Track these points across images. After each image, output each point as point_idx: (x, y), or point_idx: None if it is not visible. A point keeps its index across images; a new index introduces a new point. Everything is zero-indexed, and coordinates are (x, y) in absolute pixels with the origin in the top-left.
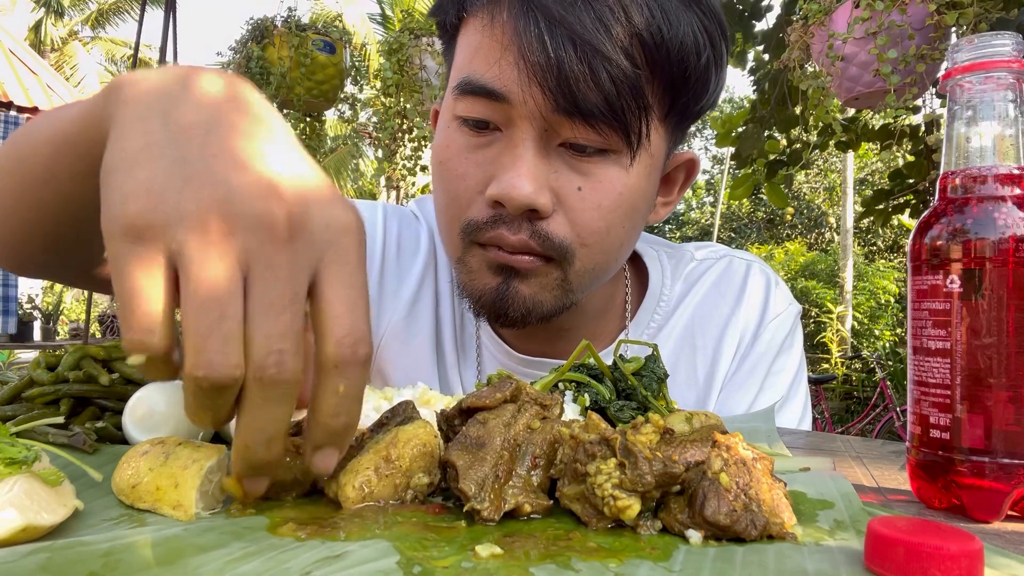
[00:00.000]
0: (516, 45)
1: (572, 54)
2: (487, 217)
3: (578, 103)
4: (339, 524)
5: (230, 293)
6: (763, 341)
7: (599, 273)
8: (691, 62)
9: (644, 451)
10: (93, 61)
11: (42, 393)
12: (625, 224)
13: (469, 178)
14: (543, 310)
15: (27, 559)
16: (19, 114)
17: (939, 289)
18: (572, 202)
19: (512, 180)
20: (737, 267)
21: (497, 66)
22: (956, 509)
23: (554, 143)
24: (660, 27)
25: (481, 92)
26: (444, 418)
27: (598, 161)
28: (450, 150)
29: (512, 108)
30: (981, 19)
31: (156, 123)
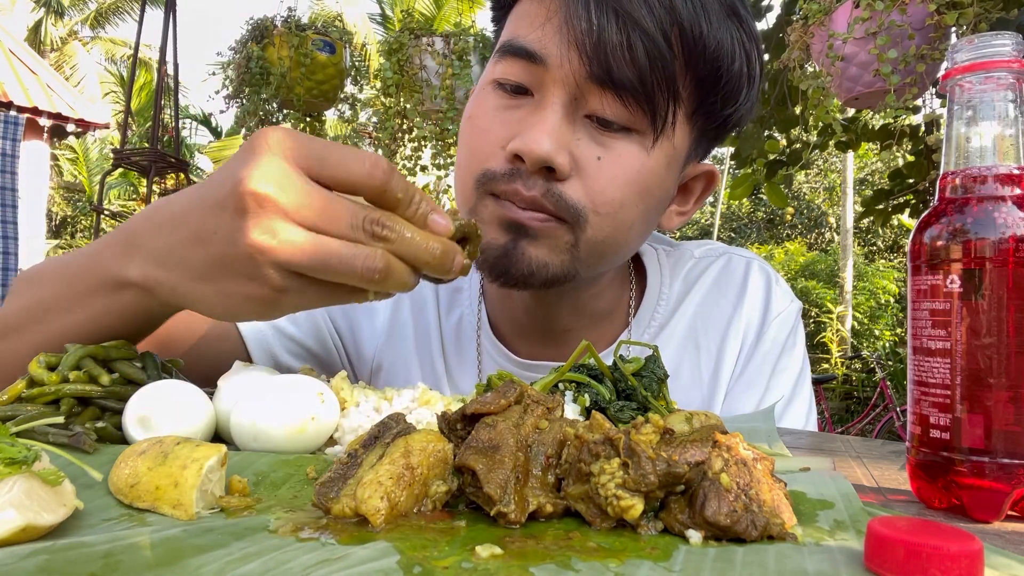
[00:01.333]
0: (563, 11)
1: (613, 24)
2: (505, 170)
3: (612, 72)
4: (339, 525)
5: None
6: (767, 340)
7: (607, 250)
8: (724, 63)
9: (648, 451)
10: (93, 61)
11: (42, 393)
12: (639, 204)
13: (492, 133)
14: (547, 273)
15: (27, 560)
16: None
17: (939, 289)
18: (590, 170)
19: (534, 135)
20: (737, 265)
21: (541, 29)
22: (956, 509)
23: (581, 112)
24: (700, 23)
25: (521, 53)
26: (446, 422)
27: (620, 137)
28: (480, 108)
29: (547, 71)
30: (981, 19)
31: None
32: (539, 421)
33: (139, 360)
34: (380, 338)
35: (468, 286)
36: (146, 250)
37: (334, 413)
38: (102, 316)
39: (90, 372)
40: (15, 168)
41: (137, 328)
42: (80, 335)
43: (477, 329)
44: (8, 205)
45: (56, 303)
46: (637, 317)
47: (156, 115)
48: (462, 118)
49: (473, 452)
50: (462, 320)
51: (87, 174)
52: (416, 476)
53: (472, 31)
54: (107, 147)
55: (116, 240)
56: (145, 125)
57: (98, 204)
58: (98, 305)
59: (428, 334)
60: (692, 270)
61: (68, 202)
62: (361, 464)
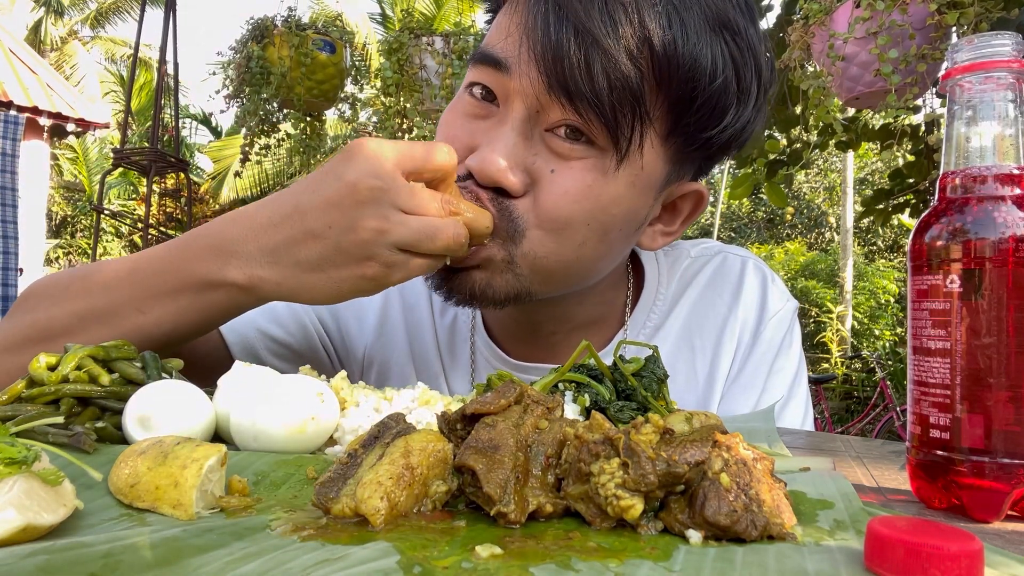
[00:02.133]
0: (526, 23)
1: (571, 40)
2: (462, 173)
3: (569, 88)
4: (339, 525)
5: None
6: (764, 340)
7: (554, 268)
8: (701, 83)
9: (648, 451)
10: (93, 61)
11: (42, 393)
12: (590, 222)
13: (457, 142)
14: (494, 293)
15: (26, 560)
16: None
17: (939, 289)
18: (543, 184)
19: (487, 154)
20: (732, 264)
21: (507, 39)
22: (956, 509)
23: (541, 127)
24: (675, 39)
25: (488, 60)
26: (445, 422)
27: (580, 153)
28: (452, 112)
29: (510, 80)
30: (982, 19)
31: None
32: (539, 421)
33: (139, 360)
34: (370, 336)
35: None
36: (247, 252)
37: (334, 413)
38: (183, 314)
39: (90, 372)
40: (15, 168)
41: (215, 323)
42: (151, 334)
43: (471, 330)
44: (8, 205)
45: (123, 306)
46: (633, 318)
47: (156, 115)
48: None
49: (473, 452)
50: (456, 321)
51: (87, 174)
52: (416, 476)
53: (472, 31)
54: (107, 147)
55: (199, 245)
56: (145, 125)
57: (98, 204)
58: (182, 304)
59: (422, 333)
60: (688, 269)
61: (68, 202)
62: (361, 464)
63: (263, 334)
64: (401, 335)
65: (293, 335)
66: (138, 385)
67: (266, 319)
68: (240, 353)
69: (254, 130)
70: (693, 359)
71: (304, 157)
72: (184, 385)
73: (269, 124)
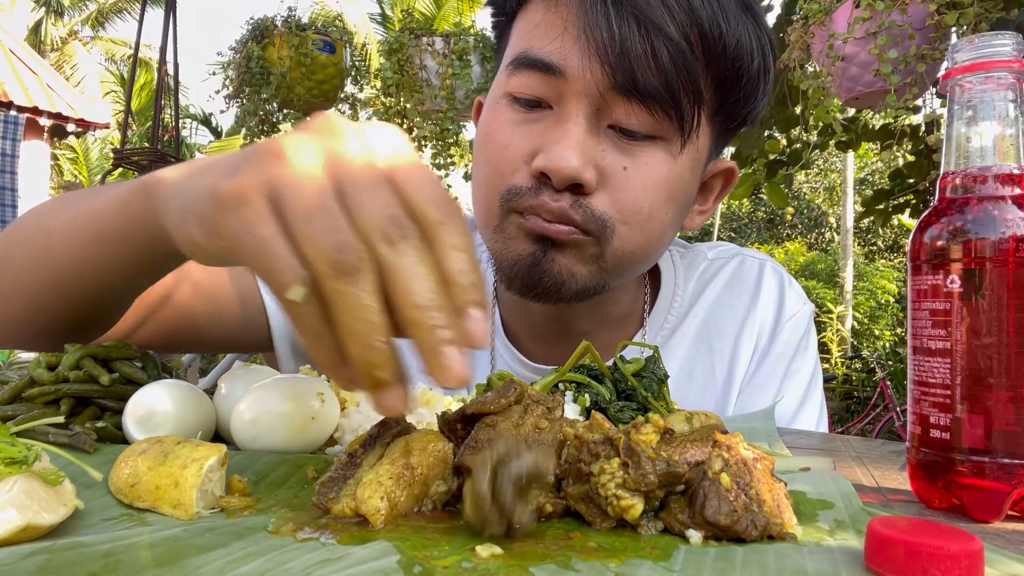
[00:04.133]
0: (580, 20)
1: (635, 31)
2: (530, 185)
3: (636, 81)
4: (339, 525)
5: (327, 193)
6: (780, 342)
7: (636, 259)
8: (745, 62)
9: (648, 451)
10: (93, 61)
11: (42, 393)
12: (668, 211)
13: (514, 148)
14: (576, 284)
15: (26, 560)
16: (19, 114)
17: (939, 289)
18: (616, 180)
19: (560, 151)
20: (750, 266)
21: (559, 40)
22: (956, 509)
23: (604, 123)
24: (719, 23)
25: (538, 66)
26: (445, 422)
27: (646, 146)
28: (497, 123)
29: (567, 84)
30: (981, 19)
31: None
32: (539, 421)
33: (139, 360)
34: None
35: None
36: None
37: (334, 413)
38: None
39: (90, 372)
40: (15, 168)
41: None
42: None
43: (491, 333)
44: (8, 205)
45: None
46: (651, 319)
47: (156, 115)
48: (478, 133)
49: (472, 452)
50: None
51: (87, 174)
52: (416, 476)
53: (472, 31)
54: (107, 147)
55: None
56: (145, 125)
57: None
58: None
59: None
60: (706, 271)
61: None
62: (361, 464)
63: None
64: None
65: None
66: (138, 385)
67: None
68: (281, 343)
69: (254, 130)
70: (711, 360)
71: None
72: (184, 385)
73: (269, 124)
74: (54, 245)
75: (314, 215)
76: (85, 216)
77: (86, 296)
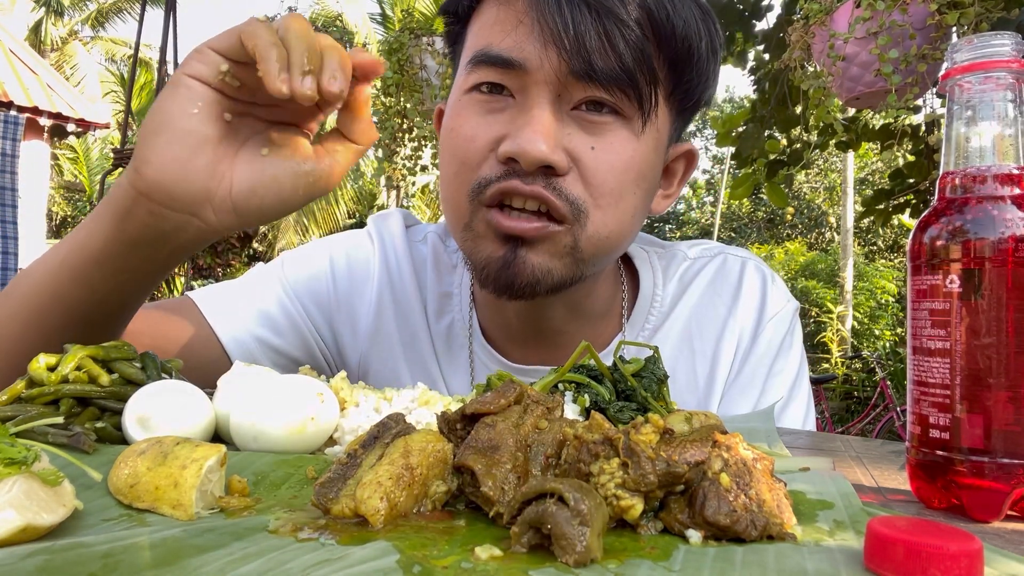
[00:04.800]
0: (533, 12)
1: (588, 17)
2: (499, 172)
3: (594, 65)
4: (339, 525)
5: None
6: (762, 342)
7: (611, 244)
8: (694, 42)
9: (647, 451)
10: (93, 61)
11: (42, 393)
12: (636, 191)
13: (479, 139)
14: (552, 279)
15: (26, 561)
16: (19, 114)
17: (939, 289)
18: (586, 160)
19: (528, 135)
20: (732, 265)
21: (514, 34)
22: (956, 509)
23: (567, 107)
24: (665, 5)
25: (497, 62)
26: (445, 422)
27: (610, 123)
28: (461, 117)
29: (527, 74)
30: (982, 19)
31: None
32: (539, 421)
33: (139, 360)
34: (363, 345)
35: (458, 292)
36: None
37: (334, 413)
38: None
39: (90, 372)
40: (15, 168)
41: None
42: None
43: (468, 335)
44: (8, 205)
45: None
46: (631, 320)
47: None
48: (442, 133)
49: (472, 452)
50: (452, 326)
51: (87, 174)
52: (416, 476)
53: None
54: (107, 147)
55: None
56: None
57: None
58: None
59: (417, 339)
60: (687, 271)
61: (68, 202)
62: (361, 464)
63: (261, 342)
64: (395, 343)
65: (292, 344)
66: (138, 385)
67: (264, 327)
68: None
69: None
70: (693, 361)
71: None
72: (184, 385)
73: None
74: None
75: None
76: (70, 251)
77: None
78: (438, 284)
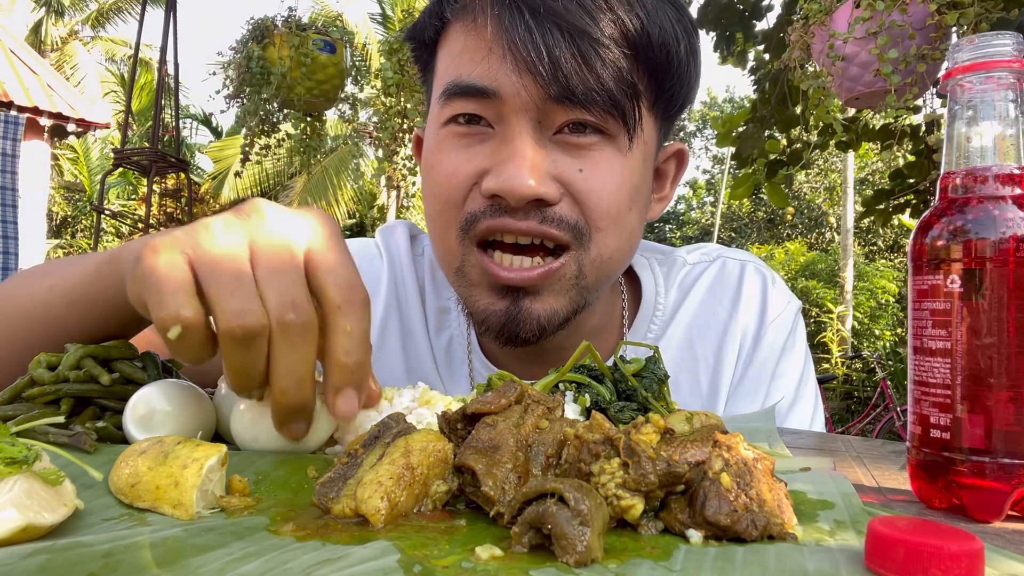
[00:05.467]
0: (504, 39)
1: (560, 40)
2: (485, 207)
3: (572, 88)
4: (339, 525)
5: (240, 261)
6: (765, 345)
7: (615, 265)
8: (672, 47)
9: (648, 451)
10: (93, 61)
11: (42, 393)
12: (633, 208)
13: (460, 174)
14: (559, 320)
15: (27, 560)
16: (20, 114)
17: (939, 289)
18: (577, 184)
19: (512, 172)
20: (731, 269)
21: (485, 62)
22: (956, 509)
23: (548, 133)
24: (639, 14)
25: (471, 92)
26: (446, 421)
27: (596, 143)
28: (440, 152)
29: (504, 103)
30: (982, 19)
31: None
32: (539, 421)
33: (139, 360)
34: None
35: (456, 308)
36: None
37: None
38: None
39: (90, 372)
40: (15, 168)
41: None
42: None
43: (467, 352)
44: (8, 205)
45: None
46: (633, 328)
47: (156, 115)
48: (422, 168)
49: (473, 452)
50: (452, 342)
51: (87, 174)
52: (416, 476)
53: None
54: (108, 147)
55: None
56: (146, 125)
57: (98, 204)
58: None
59: (419, 356)
60: (687, 277)
61: (68, 202)
62: (361, 464)
63: None
64: (398, 360)
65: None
66: (138, 385)
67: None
68: None
69: (254, 130)
70: (696, 368)
71: (304, 157)
72: (184, 385)
73: (269, 124)
74: (31, 313)
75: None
76: (62, 285)
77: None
78: (436, 299)
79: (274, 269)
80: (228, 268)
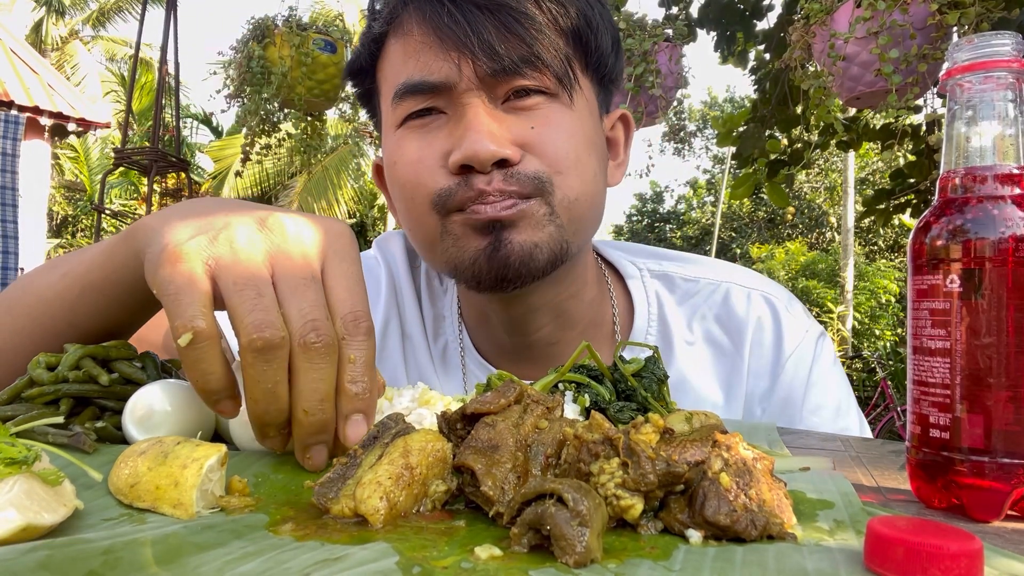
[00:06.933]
0: (432, 32)
1: (482, 18)
2: (456, 182)
3: (504, 58)
4: (339, 525)
5: (262, 276)
6: (783, 385)
7: (581, 207)
8: (592, 16)
9: (647, 451)
10: (94, 60)
11: (42, 393)
12: (590, 153)
13: (426, 158)
14: (543, 254)
15: (27, 556)
16: (20, 113)
17: (939, 289)
18: (532, 140)
19: (473, 140)
20: (736, 300)
21: (423, 58)
22: (956, 509)
23: (498, 103)
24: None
25: (420, 88)
26: (446, 421)
27: (541, 103)
28: (401, 148)
29: (449, 89)
30: (983, 19)
31: (171, 214)
32: (539, 421)
33: (139, 360)
34: None
35: (449, 315)
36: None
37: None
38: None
39: (89, 372)
40: (16, 167)
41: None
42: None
43: (461, 355)
44: (8, 204)
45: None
46: (631, 338)
47: (157, 114)
48: (387, 171)
49: (472, 452)
50: (447, 348)
51: (88, 173)
52: (415, 476)
53: None
54: (108, 146)
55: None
56: (146, 124)
57: (99, 203)
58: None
59: (418, 359)
60: (686, 305)
61: (69, 201)
62: (360, 464)
63: None
64: (398, 362)
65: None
66: (138, 385)
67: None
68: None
69: (255, 130)
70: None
71: (305, 157)
72: (184, 385)
73: (270, 124)
74: (46, 303)
75: (245, 290)
76: (75, 271)
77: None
78: (432, 308)
79: (295, 287)
80: (250, 283)
